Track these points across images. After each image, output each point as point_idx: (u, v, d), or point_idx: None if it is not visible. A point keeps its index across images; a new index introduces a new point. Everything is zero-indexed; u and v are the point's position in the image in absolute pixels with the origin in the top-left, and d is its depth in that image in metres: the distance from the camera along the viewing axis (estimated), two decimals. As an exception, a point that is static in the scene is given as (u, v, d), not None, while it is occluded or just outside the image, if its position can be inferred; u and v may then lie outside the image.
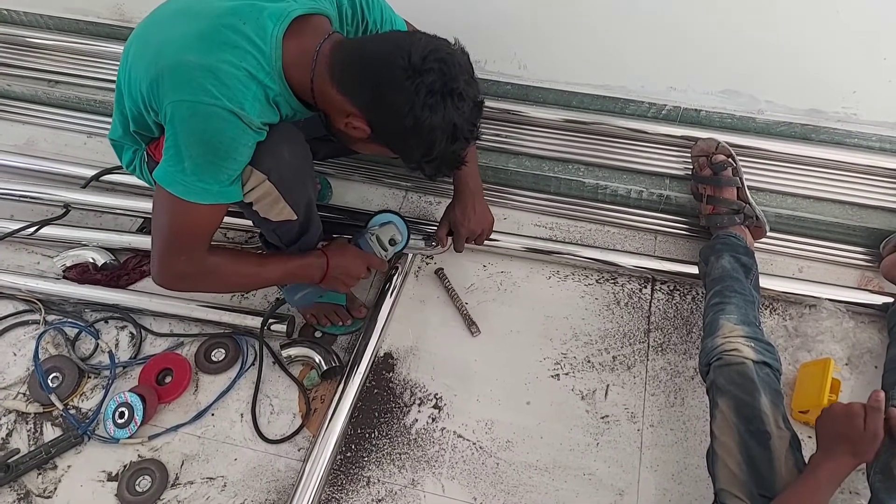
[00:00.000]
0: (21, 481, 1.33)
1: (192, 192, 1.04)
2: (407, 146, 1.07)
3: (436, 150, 1.04)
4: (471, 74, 1.04)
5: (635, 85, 1.67)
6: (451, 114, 1.01)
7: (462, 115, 1.02)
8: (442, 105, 0.99)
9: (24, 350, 1.51)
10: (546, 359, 1.45)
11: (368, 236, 1.43)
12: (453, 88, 1.00)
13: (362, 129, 1.06)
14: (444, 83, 0.99)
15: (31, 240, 1.67)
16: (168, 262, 1.13)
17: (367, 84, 1.02)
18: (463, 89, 1.01)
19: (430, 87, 0.98)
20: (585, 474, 1.30)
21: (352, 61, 1.03)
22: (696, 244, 1.60)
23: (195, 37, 1.01)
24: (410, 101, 0.98)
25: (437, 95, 0.99)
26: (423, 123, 1.00)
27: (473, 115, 1.05)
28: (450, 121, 1.01)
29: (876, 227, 1.52)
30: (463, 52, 1.05)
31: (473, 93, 1.04)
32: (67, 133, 1.95)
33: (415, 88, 0.98)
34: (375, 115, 1.04)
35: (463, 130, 1.04)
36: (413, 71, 0.98)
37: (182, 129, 1.00)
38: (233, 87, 0.99)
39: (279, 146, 1.10)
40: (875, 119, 1.59)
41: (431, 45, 1.01)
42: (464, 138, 1.05)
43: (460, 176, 1.42)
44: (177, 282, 1.18)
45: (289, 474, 1.32)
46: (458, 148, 1.06)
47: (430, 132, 1.02)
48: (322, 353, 1.43)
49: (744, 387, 1.11)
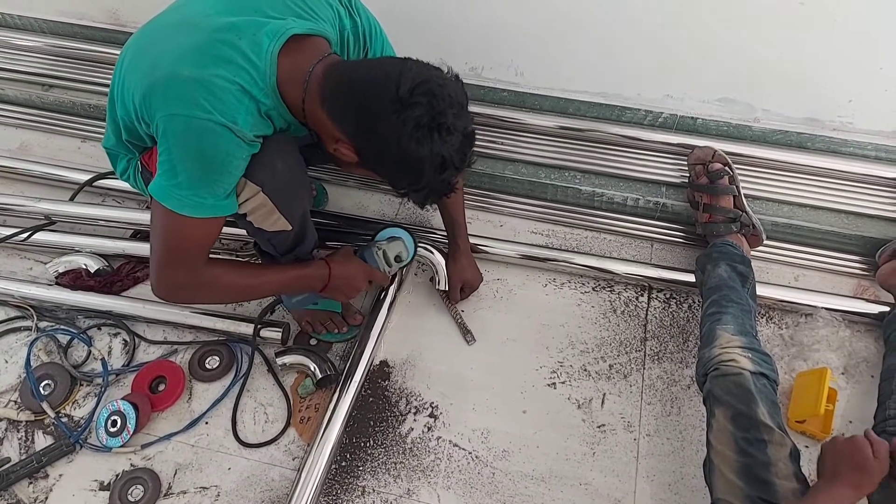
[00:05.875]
0: (12, 490, 1.31)
1: (187, 206, 1.03)
2: (394, 175, 1.07)
3: (423, 180, 1.03)
4: (462, 105, 1.02)
5: (632, 92, 1.67)
6: (438, 147, 0.98)
7: (451, 147, 1.00)
8: (429, 139, 0.97)
9: (16, 357, 1.50)
10: (542, 367, 1.45)
11: (375, 250, 1.41)
12: (441, 123, 0.97)
13: (350, 154, 1.06)
14: (432, 117, 0.96)
15: (23, 245, 1.66)
16: (166, 274, 1.12)
17: (355, 112, 1.01)
18: (451, 123, 0.98)
19: (416, 121, 0.96)
20: (582, 484, 1.30)
21: (341, 87, 1.02)
22: (692, 252, 1.60)
23: (190, 50, 1.00)
24: (397, 133, 0.97)
25: (423, 129, 0.97)
26: (410, 155, 0.98)
27: (464, 147, 1.03)
28: (438, 153, 0.99)
29: (872, 235, 1.52)
30: (456, 81, 1.03)
31: (463, 125, 1.01)
32: (61, 137, 1.94)
33: (402, 121, 0.96)
34: (362, 143, 1.03)
35: (452, 161, 1.01)
36: (401, 104, 0.96)
37: (176, 144, 1.00)
38: (226, 102, 0.98)
39: (273, 158, 1.09)
40: (871, 128, 1.59)
41: (422, 75, 0.98)
42: (454, 167, 1.03)
43: (453, 236, 1.48)
44: (176, 294, 1.17)
45: (283, 483, 1.31)
46: (448, 177, 1.04)
47: (417, 163, 1.00)
48: (317, 360, 1.42)
49: (741, 397, 1.11)
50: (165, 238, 1.09)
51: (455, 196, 1.43)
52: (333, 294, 1.35)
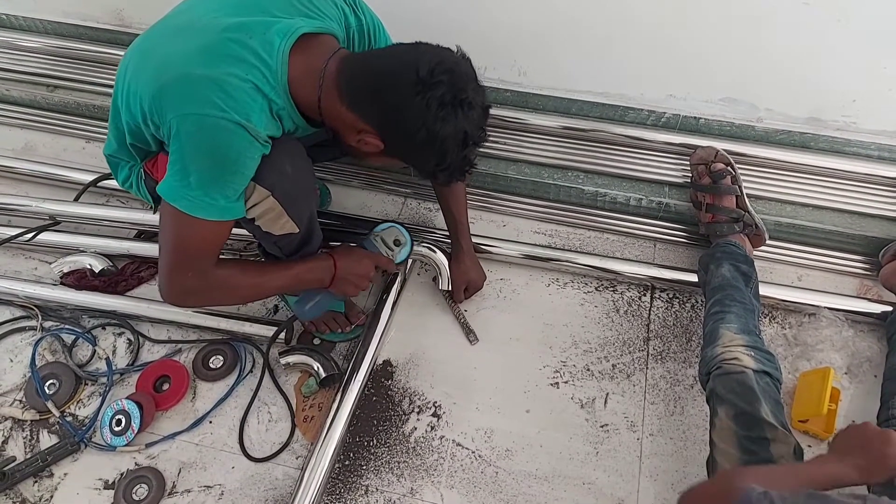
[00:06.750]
0: (17, 489, 1.32)
1: (197, 208, 1.02)
2: (421, 157, 1.09)
3: (449, 157, 1.06)
4: (477, 81, 1.06)
5: (635, 92, 1.67)
6: (461, 123, 1.02)
7: (472, 122, 1.04)
8: (453, 116, 1.01)
9: (21, 356, 1.50)
10: (545, 367, 1.45)
11: (373, 238, 1.42)
12: (463, 99, 1.01)
13: (375, 144, 1.07)
14: (454, 94, 1.00)
15: (28, 246, 1.66)
16: (176, 278, 1.11)
17: (378, 101, 1.03)
18: (472, 97, 1.02)
19: (440, 99, 0.99)
20: (585, 483, 1.30)
21: (360, 78, 1.04)
22: (695, 252, 1.60)
23: (200, 50, 1.00)
24: (423, 115, 1.00)
25: (447, 107, 1.00)
26: (437, 135, 1.01)
27: (482, 121, 1.07)
28: (461, 129, 1.03)
29: (875, 235, 1.52)
30: (466, 59, 1.06)
31: (481, 99, 1.06)
32: (66, 138, 1.95)
33: (426, 103, 0.99)
34: (388, 130, 1.05)
35: (473, 136, 1.06)
36: (423, 85, 0.98)
37: (188, 143, 0.99)
38: (239, 100, 0.98)
39: (282, 161, 1.09)
40: (874, 128, 1.59)
41: (437, 56, 1.01)
42: (473, 143, 1.07)
43: (456, 236, 1.49)
44: (185, 298, 1.16)
45: (286, 482, 1.31)
46: (469, 153, 1.08)
47: (442, 143, 1.03)
48: (321, 360, 1.42)
49: (744, 396, 1.11)
50: (174, 240, 1.08)
51: (458, 196, 1.44)
52: (342, 286, 1.31)
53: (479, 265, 1.54)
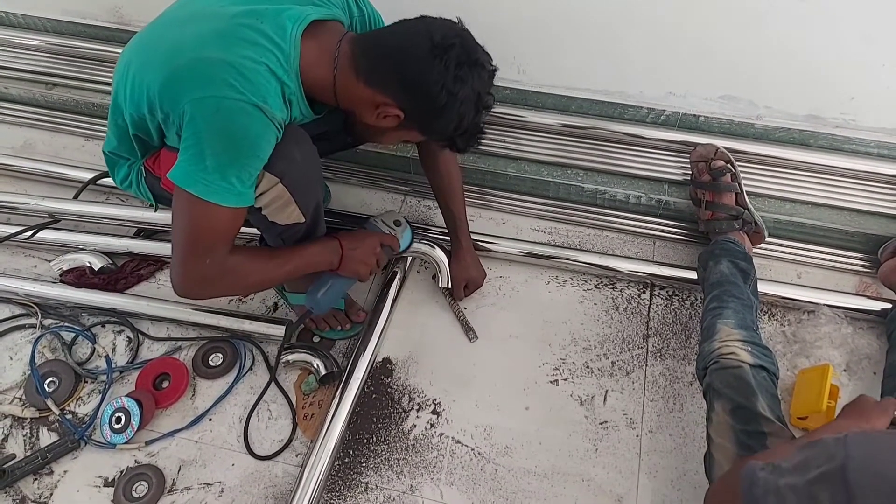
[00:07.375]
0: (17, 487, 1.32)
1: (213, 192, 1.00)
2: (440, 122, 1.11)
3: (466, 120, 1.10)
4: (480, 45, 1.11)
5: (634, 90, 1.67)
6: (475, 83, 1.07)
7: (483, 83, 1.09)
8: (470, 75, 1.06)
9: (21, 354, 1.50)
10: (545, 364, 1.45)
11: (373, 221, 1.43)
12: (476, 59, 1.07)
13: (395, 114, 1.09)
14: (468, 54, 1.06)
15: (28, 243, 1.66)
16: (192, 267, 1.08)
17: (397, 71, 1.06)
18: (482, 58, 1.09)
19: (457, 59, 1.04)
20: (584, 480, 1.30)
21: (375, 54, 1.07)
22: (694, 249, 1.60)
23: (212, 35, 1.01)
24: (442, 76, 1.04)
25: (464, 66, 1.05)
26: (456, 96, 1.06)
27: (489, 84, 1.12)
28: (476, 90, 1.08)
29: (874, 232, 1.52)
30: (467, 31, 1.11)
31: (488, 59, 1.11)
32: (65, 136, 1.95)
33: (444, 65, 1.03)
34: (408, 99, 1.08)
35: (484, 99, 1.11)
36: (439, 49, 1.03)
37: (205, 126, 0.98)
38: (255, 82, 0.99)
39: (290, 148, 1.09)
40: (873, 125, 1.59)
41: (445, 24, 1.08)
42: (484, 107, 1.12)
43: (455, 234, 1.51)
44: (202, 287, 1.13)
45: (286, 480, 1.31)
46: (480, 119, 1.14)
47: (461, 105, 1.07)
48: (320, 357, 1.42)
49: (740, 390, 1.11)
50: (191, 228, 1.05)
51: (456, 193, 1.44)
52: (352, 265, 1.29)
53: (478, 263, 1.55)
